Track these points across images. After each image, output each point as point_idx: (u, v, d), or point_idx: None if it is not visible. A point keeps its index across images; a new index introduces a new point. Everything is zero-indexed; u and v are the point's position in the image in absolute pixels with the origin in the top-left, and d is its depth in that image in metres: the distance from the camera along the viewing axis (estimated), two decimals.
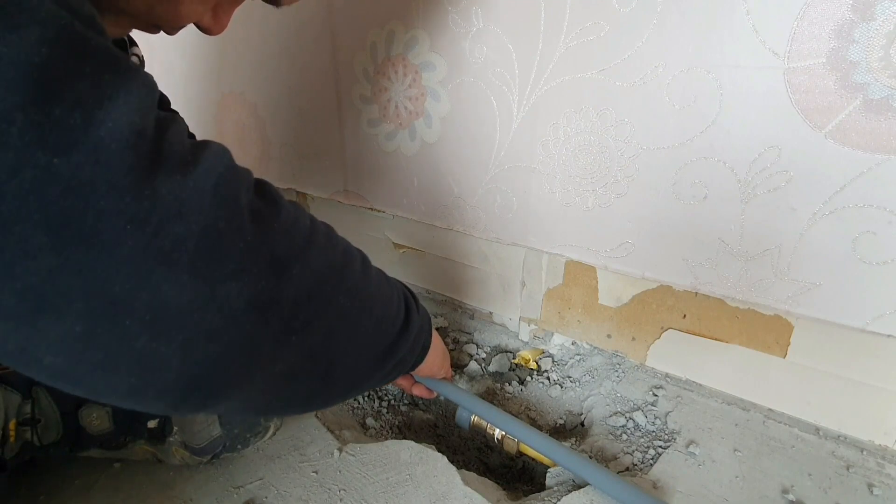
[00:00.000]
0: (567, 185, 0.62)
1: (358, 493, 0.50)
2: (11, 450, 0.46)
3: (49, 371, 0.24)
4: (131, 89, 0.24)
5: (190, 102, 1.04)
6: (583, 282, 0.67)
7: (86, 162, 0.22)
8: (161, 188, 0.24)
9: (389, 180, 0.81)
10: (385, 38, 0.71)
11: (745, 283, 0.54)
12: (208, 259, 0.25)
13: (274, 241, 0.29)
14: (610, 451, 0.55)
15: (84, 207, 0.22)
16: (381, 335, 0.41)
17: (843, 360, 0.52)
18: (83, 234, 0.22)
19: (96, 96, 0.23)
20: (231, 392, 0.29)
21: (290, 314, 0.30)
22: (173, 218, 0.24)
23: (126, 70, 0.24)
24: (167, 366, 0.25)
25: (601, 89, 0.55)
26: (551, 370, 0.71)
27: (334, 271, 0.34)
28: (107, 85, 0.23)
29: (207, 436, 0.50)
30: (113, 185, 0.22)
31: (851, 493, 0.48)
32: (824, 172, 0.46)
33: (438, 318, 0.81)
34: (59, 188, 0.21)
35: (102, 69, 0.23)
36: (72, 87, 0.22)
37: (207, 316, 0.26)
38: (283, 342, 0.30)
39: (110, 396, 0.26)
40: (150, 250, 0.23)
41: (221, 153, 0.28)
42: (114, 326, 0.24)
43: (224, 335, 0.27)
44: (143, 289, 0.24)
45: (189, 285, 0.25)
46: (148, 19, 0.38)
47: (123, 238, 0.23)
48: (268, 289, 0.28)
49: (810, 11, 0.43)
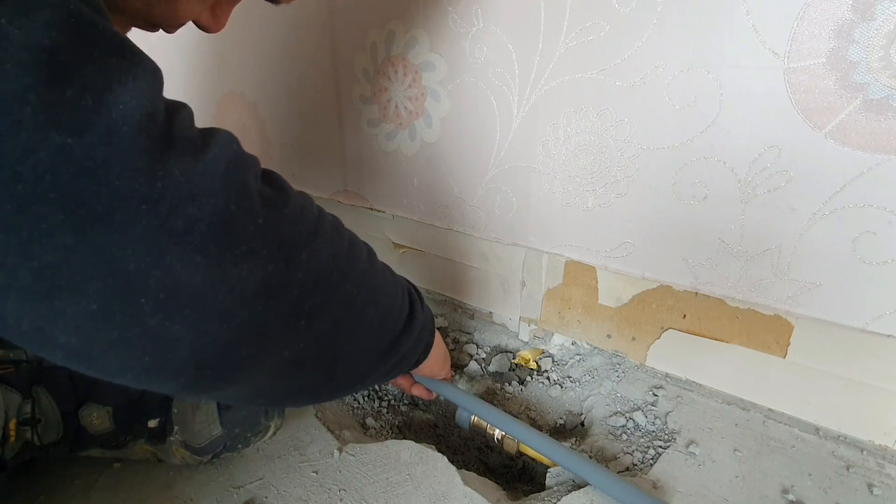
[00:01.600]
0: (567, 185, 0.62)
1: (358, 493, 0.50)
2: (12, 449, 0.46)
3: (64, 351, 0.24)
4: (138, 74, 0.24)
5: (190, 102, 1.02)
6: (583, 282, 0.67)
7: (99, 143, 0.22)
8: (173, 170, 0.24)
9: (389, 180, 0.81)
10: (385, 38, 0.71)
11: (745, 283, 0.54)
12: (220, 241, 0.26)
13: (283, 226, 0.30)
14: (610, 451, 0.55)
15: (98, 187, 0.22)
16: (385, 328, 0.41)
17: (843, 360, 0.52)
18: (98, 213, 0.22)
19: (105, 79, 0.23)
20: (240, 375, 0.30)
21: (298, 299, 0.30)
22: (186, 199, 0.24)
23: (132, 55, 0.25)
24: (180, 345, 0.26)
25: (601, 89, 0.55)
26: (551, 370, 0.71)
27: (341, 260, 0.35)
28: (114, 69, 0.23)
29: (208, 435, 0.49)
30: (126, 165, 0.23)
31: (851, 493, 0.48)
32: (824, 172, 0.46)
33: (438, 318, 0.81)
34: (73, 168, 0.22)
35: (110, 53, 0.24)
36: (81, 70, 0.22)
37: (219, 297, 0.26)
38: (292, 327, 0.31)
39: (124, 376, 0.27)
40: (163, 230, 0.24)
41: (230, 139, 0.29)
42: (128, 305, 0.24)
43: (235, 317, 0.27)
44: (157, 268, 0.24)
45: (201, 265, 0.25)
46: (146, 18, 0.38)
47: (138, 218, 0.23)
48: (277, 273, 0.29)
49: (810, 11, 0.43)
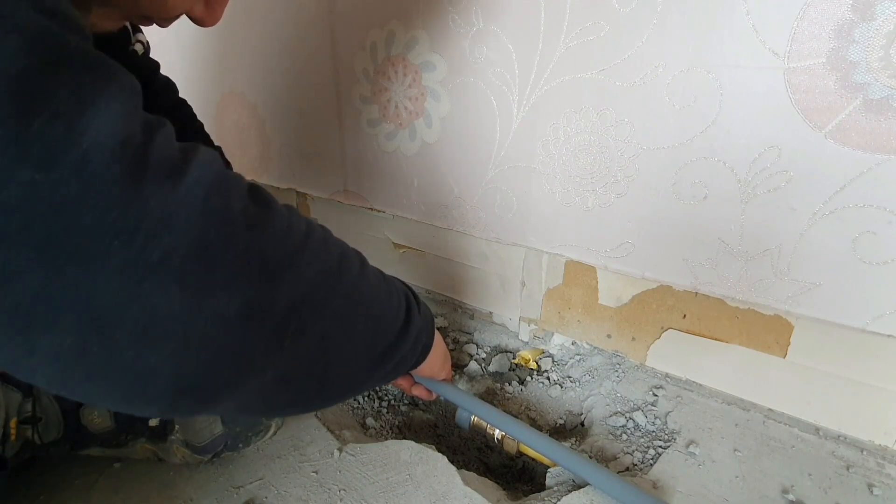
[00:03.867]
0: (567, 185, 0.62)
1: (358, 493, 0.50)
2: (12, 448, 0.46)
3: (44, 379, 0.24)
4: (112, 93, 0.23)
5: (190, 102, 1.03)
6: (583, 282, 0.67)
7: (70, 177, 0.21)
8: (149, 200, 0.23)
9: (389, 180, 0.81)
10: (385, 38, 0.71)
11: (745, 283, 0.54)
12: (198, 269, 0.25)
13: (266, 247, 0.29)
14: (610, 451, 0.55)
15: (71, 224, 0.21)
16: (379, 337, 0.40)
17: (843, 360, 0.52)
18: (70, 250, 0.22)
19: (77, 104, 0.22)
20: (224, 397, 0.29)
21: (282, 320, 0.30)
22: (162, 230, 0.24)
23: (106, 72, 0.24)
24: (159, 375, 0.25)
25: (601, 89, 0.55)
26: (551, 370, 0.71)
27: (330, 276, 0.34)
28: (87, 89, 0.22)
29: (209, 434, 0.50)
30: (98, 200, 0.22)
31: (851, 493, 0.48)
32: (824, 172, 0.46)
33: (438, 318, 0.81)
34: (43, 205, 0.21)
35: (81, 74, 0.23)
36: (51, 97, 0.21)
37: (198, 325, 0.25)
38: (275, 348, 0.30)
39: (106, 402, 0.27)
40: (139, 263, 0.23)
41: (211, 159, 0.27)
42: (104, 338, 0.23)
43: (214, 343, 0.26)
44: (134, 301, 0.23)
45: (178, 296, 0.24)
46: (137, 10, 0.37)
47: (111, 252, 0.22)
48: (259, 296, 0.28)
49: (810, 11, 0.43)
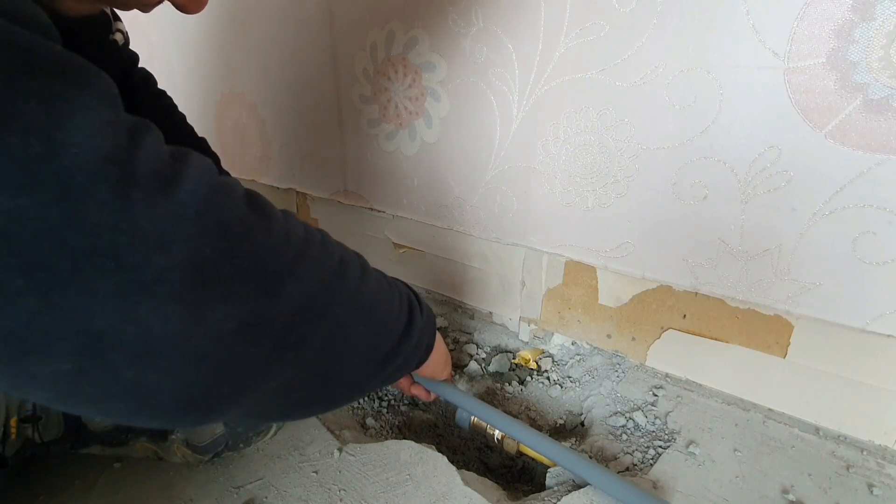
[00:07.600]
0: (567, 185, 0.62)
1: (358, 493, 0.50)
2: (12, 447, 0.46)
3: (45, 401, 0.24)
4: (87, 102, 0.22)
5: (190, 102, 1.04)
6: (583, 282, 0.67)
7: (53, 201, 0.20)
8: (139, 219, 0.22)
9: (389, 180, 0.81)
10: (385, 38, 0.71)
11: (745, 283, 0.54)
12: (194, 286, 0.24)
13: (265, 258, 0.28)
14: (610, 451, 0.55)
15: (57, 249, 0.20)
16: (381, 340, 0.40)
17: (843, 360, 0.52)
18: (60, 275, 0.21)
19: (50, 115, 0.20)
20: (227, 407, 0.29)
21: (282, 331, 0.29)
22: (155, 249, 0.22)
23: (79, 77, 0.22)
24: (160, 391, 0.25)
25: (601, 89, 0.55)
26: (551, 370, 0.71)
27: (329, 282, 0.33)
28: (60, 98, 0.21)
29: (210, 434, 0.50)
30: (85, 223, 0.21)
31: (851, 493, 0.48)
32: (824, 172, 0.46)
33: (438, 318, 0.81)
34: (28, 231, 0.20)
35: (52, 79, 0.21)
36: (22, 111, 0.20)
37: (196, 341, 0.25)
38: (276, 359, 0.29)
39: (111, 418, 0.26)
40: (133, 285, 0.22)
41: (205, 169, 0.26)
42: (102, 362, 0.23)
43: (215, 358, 0.26)
44: (130, 322, 0.23)
45: (175, 314, 0.24)
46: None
47: (103, 275, 0.21)
48: (258, 308, 0.27)
49: (810, 11, 0.43)
